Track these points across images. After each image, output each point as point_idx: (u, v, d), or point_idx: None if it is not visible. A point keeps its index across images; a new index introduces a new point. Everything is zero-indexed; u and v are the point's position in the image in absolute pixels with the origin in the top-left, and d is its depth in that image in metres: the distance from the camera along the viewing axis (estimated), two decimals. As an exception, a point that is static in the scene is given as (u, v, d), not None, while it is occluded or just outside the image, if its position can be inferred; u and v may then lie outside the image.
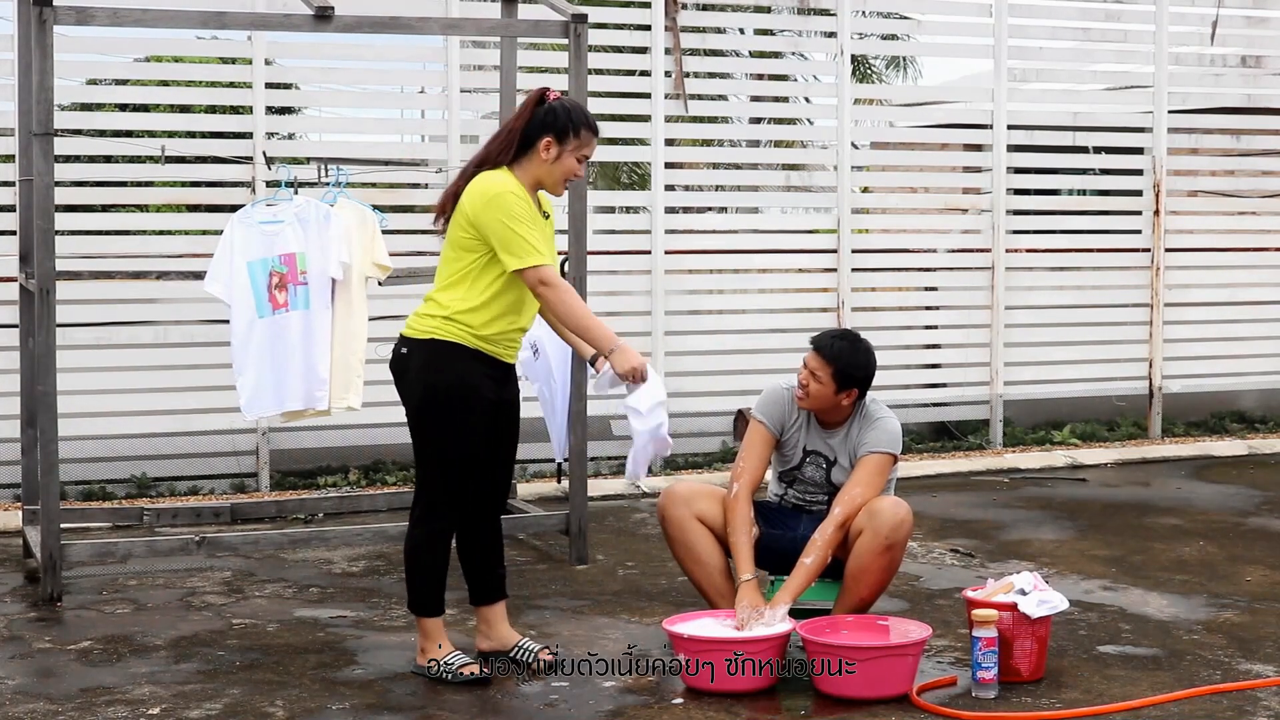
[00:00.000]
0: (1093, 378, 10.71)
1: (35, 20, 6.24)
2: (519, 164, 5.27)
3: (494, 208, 5.15)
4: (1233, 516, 8.22)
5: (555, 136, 5.25)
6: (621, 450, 9.74)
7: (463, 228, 5.22)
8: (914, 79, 24.74)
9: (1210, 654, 5.64)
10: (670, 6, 9.58)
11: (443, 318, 5.25)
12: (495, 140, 5.33)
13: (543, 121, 5.26)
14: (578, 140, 5.28)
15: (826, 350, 5.60)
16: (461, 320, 5.23)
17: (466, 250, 5.23)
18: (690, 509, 5.64)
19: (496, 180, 5.21)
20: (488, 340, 5.26)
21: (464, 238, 5.22)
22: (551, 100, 5.29)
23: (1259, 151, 11.33)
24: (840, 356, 5.60)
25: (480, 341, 5.25)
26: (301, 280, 7.13)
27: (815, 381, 5.60)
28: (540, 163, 5.27)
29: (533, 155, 5.26)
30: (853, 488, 5.54)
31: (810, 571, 5.44)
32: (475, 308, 5.23)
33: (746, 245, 10.07)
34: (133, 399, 8.68)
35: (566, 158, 5.28)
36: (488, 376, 5.29)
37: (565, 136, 5.26)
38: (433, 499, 5.33)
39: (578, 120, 5.28)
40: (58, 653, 5.70)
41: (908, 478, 8.85)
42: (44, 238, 6.30)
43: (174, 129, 8.98)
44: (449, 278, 5.28)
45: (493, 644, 5.51)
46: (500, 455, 5.46)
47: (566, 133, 5.26)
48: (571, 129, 5.26)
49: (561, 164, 5.28)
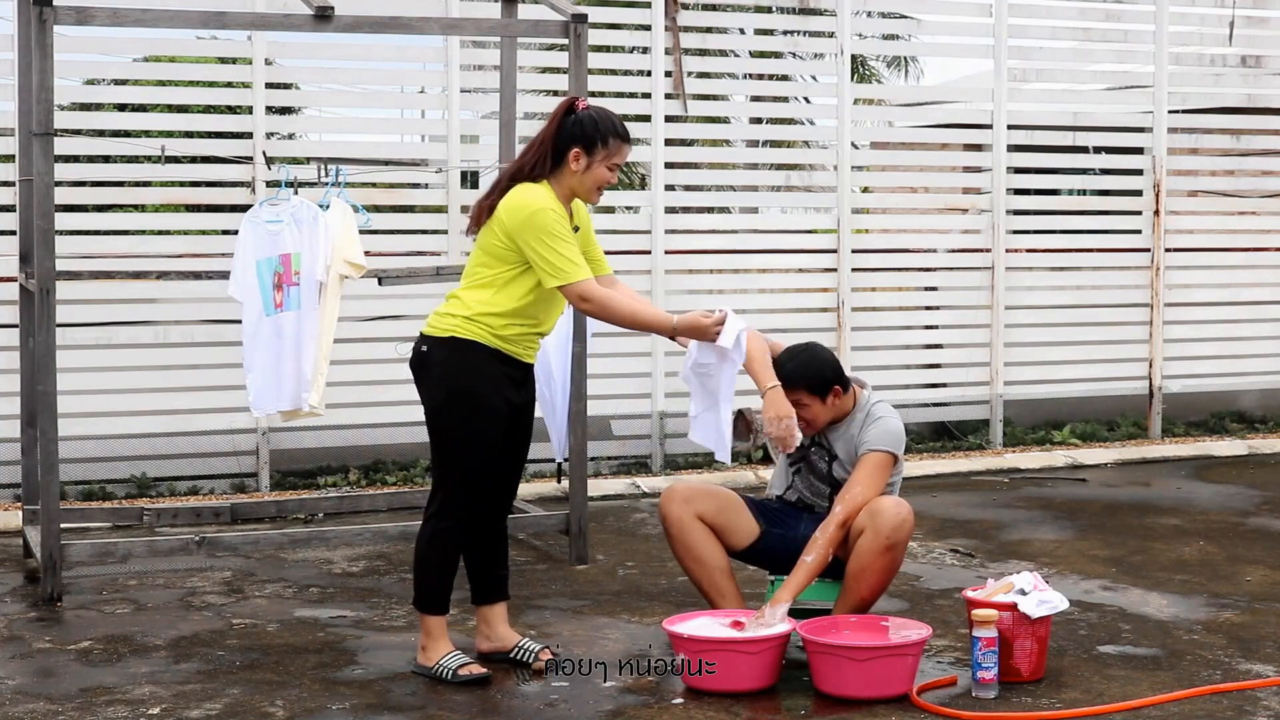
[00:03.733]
0: (1093, 378, 10.71)
1: (35, 20, 6.24)
2: (554, 176, 5.28)
3: (532, 226, 5.16)
4: (1233, 516, 8.22)
5: (584, 147, 5.25)
6: (621, 450, 9.75)
7: (498, 239, 5.23)
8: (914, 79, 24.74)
9: (1210, 654, 5.64)
10: (670, 6, 9.58)
11: (465, 317, 5.25)
12: (528, 152, 5.32)
13: (571, 132, 5.26)
14: (606, 150, 5.27)
15: (789, 380, 5.56)
16: (483, 321, 5.24)
17: (499, 260, 5.24)
18: (691, 508, 5.65)
19: (534, 196, 5.21)
20: (507, 340, 5.27)
21: (499, 248, 5.23)
22: (581, 110, 5.29)
23: (1259, 151, 11.33)
24: (803, 375, 5.60)
25: (500, 341, 5.26)
26: (294, 281, 7.16)
27: (803, 409, 5.60)
28: (571, 174, 5.27)
29: (563, 166, 5.27)
30: (854, 487, 5.54)
31: (811, 570, 5.44)
32: (500, 313, 5.24)
33: (746, 245, 10.07)
34: (133, 399, 8.68)
35: (597, 167, 5.28)
36: (506, 377, 5.30)
37: (594, 147, 5.26)
38: (448, 496, 5.33)
39: (605, 129, 5.27)
40: (58, 653, 5.70)
41: (908, 478, 8.79)
42: (44, 238, 6.30)
43: (174, 129, 8.98)
44: (477, 280, 5.28)
45: (493, 644, 5.51)
46: (511, 456, 5.47)
47: (595, 143, 5.26)
48: (599, 139, 5.26)
49: (592, 174, 5.29)
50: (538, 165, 5.28)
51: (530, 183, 5.26)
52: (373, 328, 9.01)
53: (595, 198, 5.37)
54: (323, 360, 7.25)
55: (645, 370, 9.57)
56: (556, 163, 5.27)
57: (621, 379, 9.49)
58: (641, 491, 8.84)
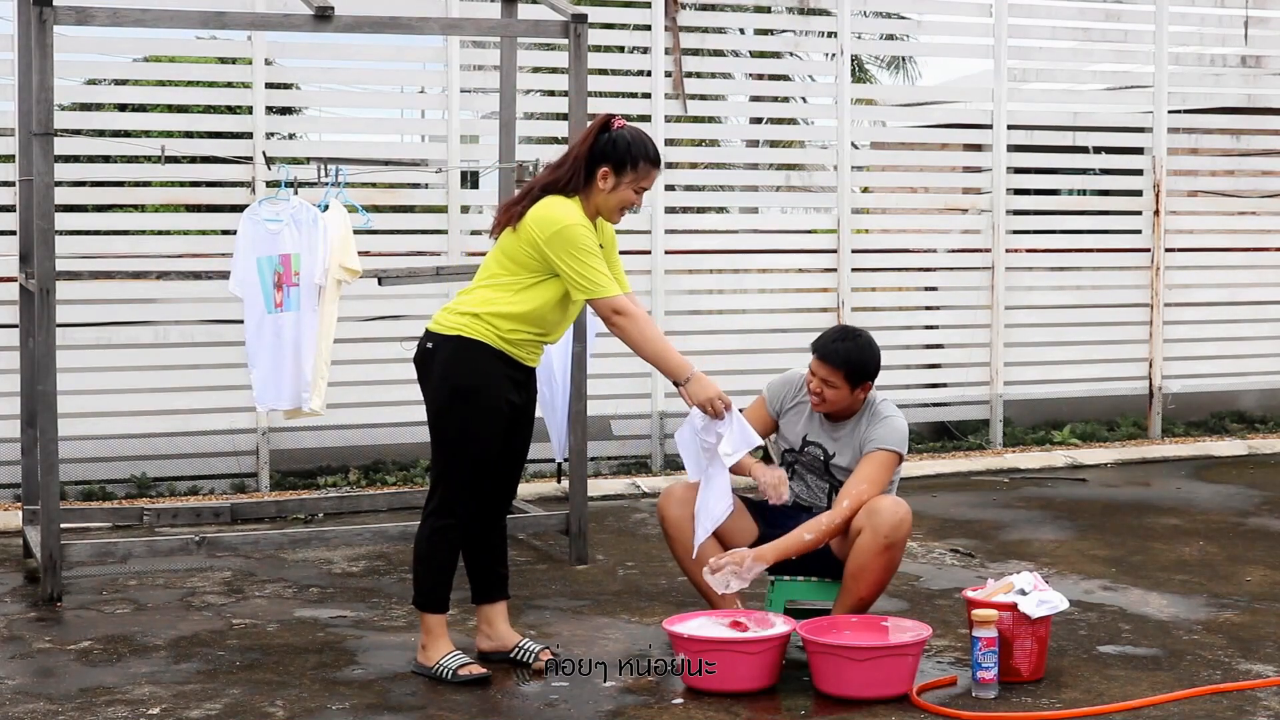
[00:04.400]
0: (1093, 378, 10.71)
1: (35, 20, 6.24)
2: (584, 192, 5.27)
3: (563, 240, 5.15)
4: (1233, 516, 8.22)
5: (613, 167, 5.24)
6: (621, 450, 9.75)
7: (524, 248, 5.21)
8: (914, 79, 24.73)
9: (1210, 654, 5.64)
10: (670, 6, 9.58)
11: (472, 315, 5.25)
12: (562, 164, 5.30)
13: (603, 151, 5.24)
14: (635, 173, 5.25)
15: (834, 357, 5.61)
16: (491, 321, 5.23)
17: (521, 266, 5.23)
18: (689, 509, 5.64)
19: (565, 211, 5.20)
20: (512, 344, 5.27)
21: (523, 254, 5.22)
22: (616, 129, 5.27)
23: (1259, 151, 11.33)
24: (850, 359, 5.62)
25: (504, 343, 5.25)
26: (294, 281, 7.16)
27: (829, 388, 5.62)
28: (598, 191, 5.26)
29: (592, 184, 5.26)
30: (861, 483, 5.54)
31: (803, 545, 5.47)
32: (510, 315, 5.23)
33: (746, 245, 10.07)
34: (133, 399, 8.68)
35: (624, 189, 5.26)
36: (509, 378, 5.30)
37: (623, 169, 5.24)
38: (447, 495, 5.33)
39: (638, 153, 5.25)
40: (58, 653, 5.70)
41: (908, 478, 8.84)
42: (44, 238, 6.30)
43: (174, 129, 8.98)
44: (493, 281, 5.27)
45: (493, 644, 5.51)
46: (511, 457, 5.47)
47: (624, 165, 5.24)
48: (630, 162, 5.24)
49: (618, 195, 5.27)
50: (572, 180, 5.26)
51: (562, 196, 5.25)
52: (373, 328, 9.01)
53: (617, 218, 5.35)
54: (322, 363, 7.24)
55: (645, 370, 9.55)
56: (587, 179, 5.26)
57: (621, 379, 9.49)
58: (641, 491, 8.84)
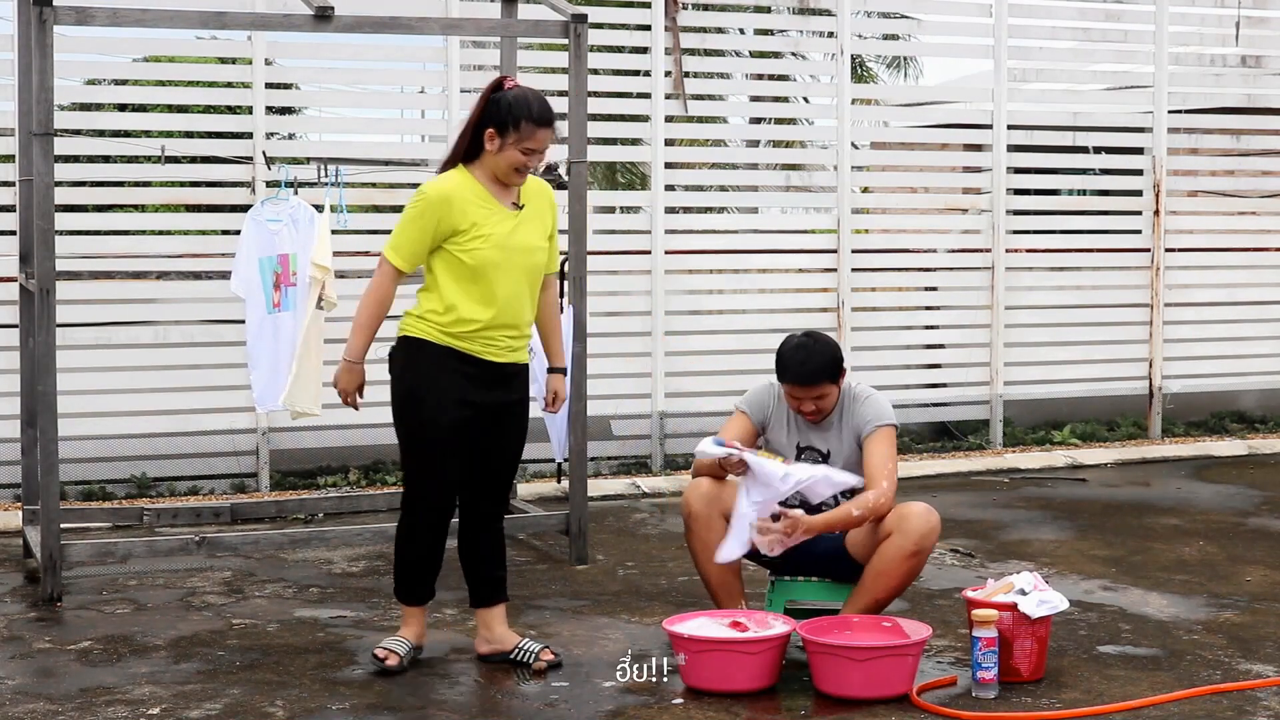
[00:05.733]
0: (1093, 378, 10.71)
1: (35, 20, 6.24)
2: (482, 157, 5.25)
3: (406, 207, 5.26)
4: (1233, 516, 8.22)
5: (497, 129, 5.20)
6: (621, 450, 9.75)
7: None
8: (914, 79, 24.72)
9: (1210, 654, 5.64)
10: (670, 6, 9.58)
11: (416, 315, 5.32)
12: (462, 136, 5.31)
13: (488, 112, 5.22)
14: (518, 133, 5.18)
15: (814, 375, 5.58)
16: (428, 317, 5.27)
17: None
18: (717, 507, 5.59)
19: (431, 182, 5.27)
20: (458, 337, 5.24)
21: None
22: (506, 89, 5.23)
23: (1259, 151, 11.33)
24: (824, 367, 5.61)
25: (449, 338, 5.24)
26: (291, 282, 7.17)
27: (821, 400, 5.62)
28: (488, 154, 5.24)
29: (482, 148, 5.24)
30: (885, 462, 5.52)
31: (850, 520, 5.44)
32: (441, 306, 5.26)
33: (746, 245, 10.07)
34: (133, 399, 8.68)
35: (509, 150, 5.20)
36: (462, 375, 5.26)
37: (506, 129, 5.19)
38: (408, 491, 5.43)
39: (519, 113, 5.17)
40: (58, 653, 5.70)
41: (908, 478, 8.85)
42: (44, 238, 6.30)
43: (174, 129, 8.98)
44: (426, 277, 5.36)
45: (493, 646, 5.50)
46: (495, 458, 5.44)
47: (506, 126, 5.18)
48: (511, 122, 5.17)
49: (505, 155, 5.21)
50: (469, 148, 5.26)
51: (449, 168, 5.27)
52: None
53: (515, 179, 5.28)
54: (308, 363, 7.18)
55: (645, 370, 9.57)
56: (479, 144, 5.24)
57: (621, 379, 9.49)
58: (641, 491, 8.84)
